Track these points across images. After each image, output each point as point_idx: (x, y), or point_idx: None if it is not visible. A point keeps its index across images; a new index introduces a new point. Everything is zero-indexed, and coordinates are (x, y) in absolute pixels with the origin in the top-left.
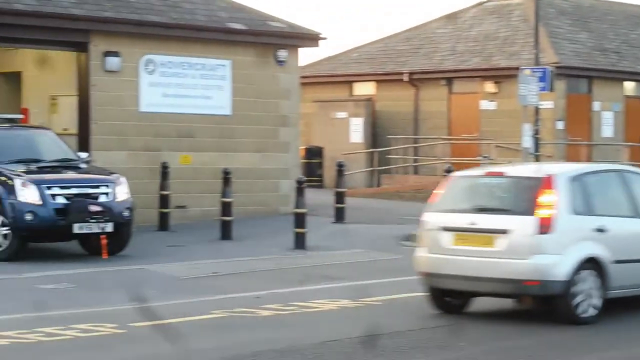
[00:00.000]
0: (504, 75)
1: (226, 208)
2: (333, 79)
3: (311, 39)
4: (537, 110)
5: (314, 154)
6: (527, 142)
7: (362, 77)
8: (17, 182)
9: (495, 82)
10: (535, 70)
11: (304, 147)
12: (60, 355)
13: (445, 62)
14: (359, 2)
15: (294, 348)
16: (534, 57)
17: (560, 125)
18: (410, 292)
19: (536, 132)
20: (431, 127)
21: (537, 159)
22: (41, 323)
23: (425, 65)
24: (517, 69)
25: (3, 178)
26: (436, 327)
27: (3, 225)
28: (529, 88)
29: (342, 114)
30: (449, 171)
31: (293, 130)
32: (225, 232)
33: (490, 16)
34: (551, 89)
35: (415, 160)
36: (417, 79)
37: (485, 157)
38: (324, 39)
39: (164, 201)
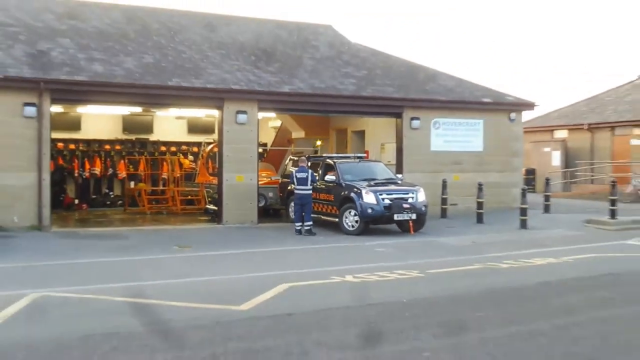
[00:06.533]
0: None
1: (480, 205)
2: (542, 128)
3: (529, 105)
4: None
5: (530, 172)
6: None
7: (559, 127)
8: (363, 191)
9: None
10: None
11: (525, 168)
12: (384, 289)
13: (610, 117)
14: (567, 74)
15: (523, 286)
16: None
17: None
18: (590, 253)
19: None
20: (601, 156)
21: None
22: (377, 269)
23: (598, 119)
24: None
25: (356, 189)
26: (607, 274)
27: (356, 215)
28: None
29: (547, 149)
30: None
31: (519, 160)
32: (479, 219)
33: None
34: None
35: (592, 176)
36: (593, 128)
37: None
38: (537, 105)
39: (443, 201)
